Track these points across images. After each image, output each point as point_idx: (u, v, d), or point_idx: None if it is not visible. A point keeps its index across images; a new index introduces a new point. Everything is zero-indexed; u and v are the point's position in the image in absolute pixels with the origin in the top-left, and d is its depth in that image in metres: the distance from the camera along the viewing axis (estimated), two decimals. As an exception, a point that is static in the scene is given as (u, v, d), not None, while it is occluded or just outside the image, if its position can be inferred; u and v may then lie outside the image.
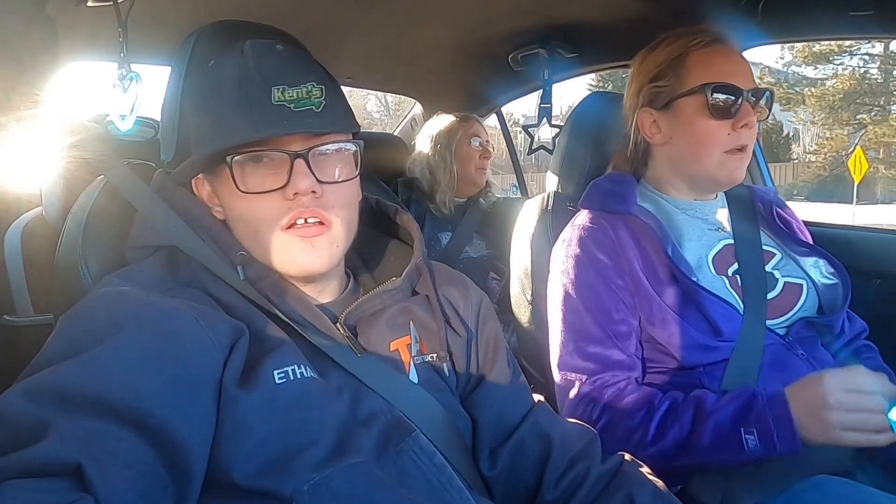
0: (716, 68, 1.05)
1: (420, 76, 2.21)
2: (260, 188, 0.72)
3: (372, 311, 0.80)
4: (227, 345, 0.66)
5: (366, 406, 0.73)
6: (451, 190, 2.13)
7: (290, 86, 0.71)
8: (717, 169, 1.07)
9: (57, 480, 0.50)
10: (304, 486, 0.62)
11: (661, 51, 1.11)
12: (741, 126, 1.04)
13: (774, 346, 1.03)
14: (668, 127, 1.11)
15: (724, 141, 1.05)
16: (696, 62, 1.07)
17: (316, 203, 0.73)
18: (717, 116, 1.04)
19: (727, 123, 1.04)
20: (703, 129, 1.06)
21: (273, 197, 0.72)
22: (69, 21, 1.25)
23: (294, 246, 0.73)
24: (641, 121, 1.14)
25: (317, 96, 0.72)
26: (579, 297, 1.06)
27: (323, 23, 1.61)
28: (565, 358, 1.06)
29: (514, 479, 0.83)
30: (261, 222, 0.73)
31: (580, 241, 1.10)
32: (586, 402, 1.01)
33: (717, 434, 0.90)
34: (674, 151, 1.13)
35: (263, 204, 0.72)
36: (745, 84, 1.04)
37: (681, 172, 1.13)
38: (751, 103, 1.04)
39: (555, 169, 1.41)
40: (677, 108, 1.09)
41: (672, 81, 1.09)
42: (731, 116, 1.04)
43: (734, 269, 1.08)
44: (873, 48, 18.91)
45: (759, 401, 0.89)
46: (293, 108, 0.71)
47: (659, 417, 0.95)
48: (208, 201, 0.79)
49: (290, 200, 0.72)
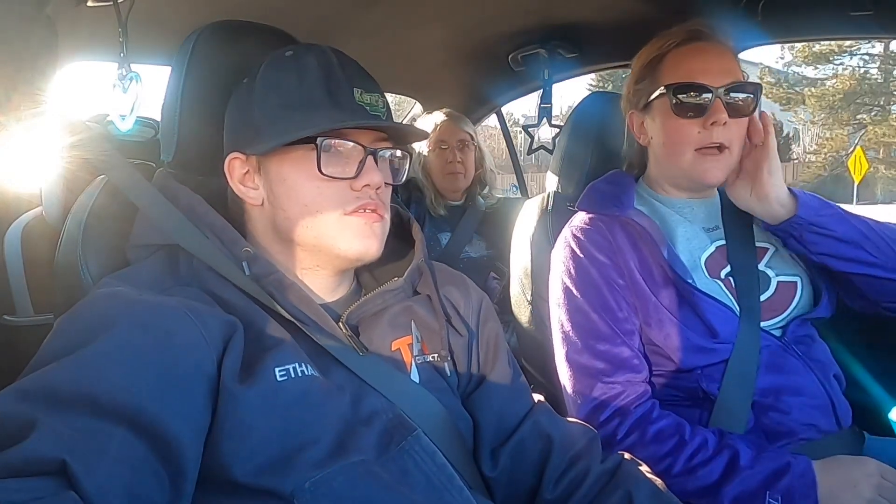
0: (686, 67, 1.04)
1: (420, 76, 2.20)
2: (338, 173, 0.75)
3: (374, 311, 0.80)
4: (220, 341, 0.66)
5: (367, 405, 0.73)
6: (434, 192, 2.13)
7: (366, 91, 0.77)
8: (691, 168, 1.06)
9: (39, 479, 0.50)
10: (305, 485, 0.62)
11: (643, 52, 1.12)
12: (711, 124, 1.02)
13: (771, 348, 1.03)
14: (649, 128, 1.13)
15: (695, 139, 1.04)
16: (670, 62, 1.07)
17: (377, 197, 0.78)
18: (682, 115, 1.04)
19: (697, 122, 1.03)
20: (673, 128, 1.06)
21: (343, 184, 0.76)
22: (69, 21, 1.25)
23: (356, 228, 0.77)
24: (631, 122, 1.16)
25: (382, 107, 0.79)
26: (583, 297, 1.06)
27: (323, 23, 1.61)
28: (573, 356, 1.05)
29: (514, 478, 0.83)
30: (326, 206, 0.76)
31: (578, 241, 1.10)
32: (609, 412, 0.99)
33: (744, 490, 0.90)
34: (655, 151, 1.14)
35: (333, 189, 0.75)
36: (717, 81, 1.01)
37: (664, 173, 1.14)
38: (723, 100, 1.01)
39: (555, 169, 1.41)
40: (652, 108, 1.10)
41: (649, 83, 1.10)
42: (700, 115, 1.02)
43: (727, 271, 1.08)
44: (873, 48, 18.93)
45: (791, 471, 0.89)
46: (369, 111, 0.77)
47: (690, 452, 0.94)
48: (241, 182, 0.79)
49: (357, 191, 0.76)
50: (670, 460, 0.94)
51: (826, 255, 1.03)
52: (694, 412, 1.03)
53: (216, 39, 0.90)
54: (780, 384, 1.01)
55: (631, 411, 0.99)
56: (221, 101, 0.84)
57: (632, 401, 0.99)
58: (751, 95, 1.04)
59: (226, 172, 0.79)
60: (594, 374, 1.02)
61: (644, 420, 0.98)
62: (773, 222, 1.04)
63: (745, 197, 1.06)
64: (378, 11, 1.58)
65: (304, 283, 0.79)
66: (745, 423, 0.99)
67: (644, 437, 0.96)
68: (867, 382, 1.20)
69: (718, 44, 1.06)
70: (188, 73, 0.88)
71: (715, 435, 0.96)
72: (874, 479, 0.87)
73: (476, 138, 2.19)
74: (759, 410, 1.00)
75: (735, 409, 1.00)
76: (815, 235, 1.02)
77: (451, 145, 2.09)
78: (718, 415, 1.00)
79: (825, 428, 1.02)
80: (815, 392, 1.02)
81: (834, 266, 1.04)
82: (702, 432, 0.97)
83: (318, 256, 0.78)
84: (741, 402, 1.00)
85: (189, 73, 0.88)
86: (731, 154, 1.04)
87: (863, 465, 0.89)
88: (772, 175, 1.03)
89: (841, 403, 1.05)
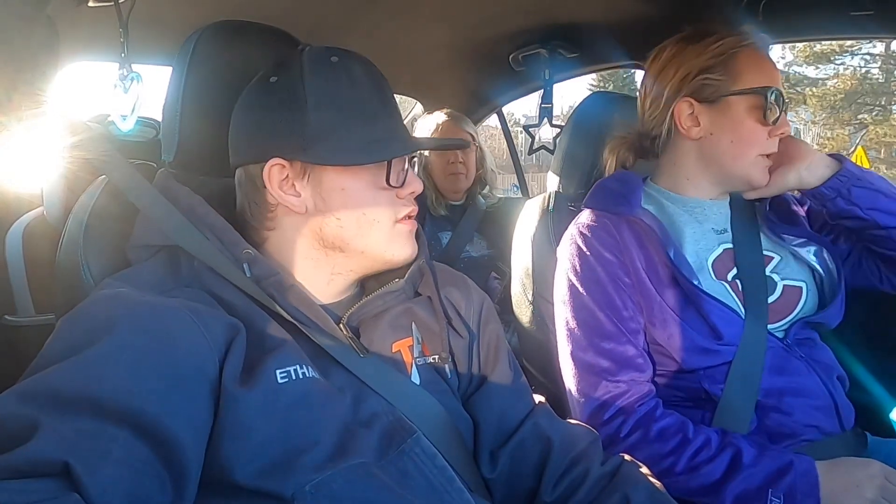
0: (768, 73, 1.06)
1: (420, 76, 2.20)
2: (396, 183, 0.79)
3: (374, 313, 0.80)
4: (223, 343, 0.66)
5: (367, 407, 0.73)
6: (435, 192, 2.13)
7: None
8: (750, 169, 1.07)
9: (42, 480, 0.50)
10: (305, 487, 0.62)
11: (711, 43, 1.07)
12: (778, 133, 1.05)
13: (774, 350, 1.03)
14: (710, 122, 1.08)
15: (763, 145, 1.06)
16: (748, 62, 1.05)
17: (412, 203, 0.83)
18: (766, 121, 1.04)
19: (768, 129, 1.05)
20: (750, 129, 1.05)
21: (392, 193, 0.79)
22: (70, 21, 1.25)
23: (404, 237, 0.81)
24: (679, 110, 1.10)
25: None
26: (589, 294, 1.05)
27: (323, 23, 1.60)
28: (578, 354, 1.05)
29: (513, 480, 0.83)
30: (383, 214, 0.79)
31: (585, 239, 1.09)
32: (613, 411, 0.99)
33: (747, 488, 0.90)
34: (711, 147, 1.09)
35: (386, 198, 0.79)
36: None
37: (711, 169, 1.10)
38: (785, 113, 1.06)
39: (556, 169, 1.41)
40: (727, 104, 1.06)
41: (724, 77, 1.06)
42: (774, 123, 1.04)
43: (734, 273, 1.08)
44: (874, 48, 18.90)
45: (793, 470, 0.90)
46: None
47: (693, 451, 0.94)
48: (279, 188, 0.76)
49: (402, 199, 0.80)
50: (673, 459, 0.94)
51: (875, 209, 1.05)
52: (696, 413, 1.03)
53: (217, 39, 0.90)
54: (783, 385, 1.01)
55: (634, 410, 0.98)
56: (223, 100, 0.84)
57: (636, 400, 0.99)
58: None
59: (264, 178, 0.76)
60: (598, 373, 1.02)
61: (647, 418, 0.98)
62: (820, 181, 1.06)
63: (790, 174, 1.08)
64: (378, 11, 1.58)
65: (304, 285, 0.79)
66: (748, 424, 0.99)
67: (647, 435, 0.96)
68: (869, 383, 1.20)
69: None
70: (189, 73, 0.88)
71: (717, 434, 0.96)
72: (878, 481, 0.87)
73: (477, 138, 2.18)
74: (761, 411, 1.00)
75: (739, 410, 0.99)
76: (864, 190, 1.05)
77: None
78: (722, 415, 1.00)
79: (828, 429, 1.02)
80: (817, 393, 1.02)
81: (883, 221, 1.06)
82: (704, 431, 0.96)
83: (358, 262, 0.80)
84: (745, 404, 1.00)
85: (190, 73, 0.88)
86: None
87: (867, 467, 0.89)
88: (805, 144, 1.09)
89: (844, 405, 1.05)
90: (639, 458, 0.88)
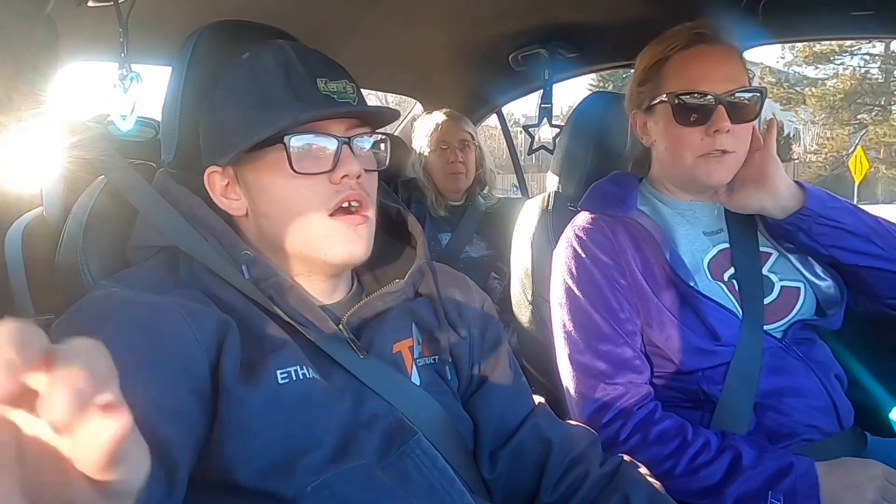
0: (689, 72, 1.03)
1: (420, 76, 2.20)
2: (313, 169, 0.73)
3: (375, 313, 0.80)
4: (214, 341, 0.66)
5: (368, 408, 0.72)
6: (435, 193, 2.13)
7: (330, 79, 0.74)
8: (693, 171, 1.05)
9: None
10: (306, 489, 0.62)
11: (647, 53, 1.10)
12: (714, 131, 1.01)
13: (772, 350, 1.03)
14: (651, 130, 1.12)
15: (698, 146, 1.03)
16: (673, 66, 1.05)
17: (359, 187, 0.75)
18: (684, 123, 1.03)
19: (699, 129, 1.02)
20: (676, 134, 1.05)
21: (321, 180, 0.73)
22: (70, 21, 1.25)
23: (339, 233, 0.74)
24: (634, 122, 1.16)
25: (350, 92, 0.76)
26: (585, 297, 1.06)
27: (323, 23, 1.60)
28: (575, 356, 1.05)
29: (513, 481, 0.83)
30: (308, 206, 0.73)
31: (581, 241, 1.10)
32: (612, 414, 0.99)
33: (747, 490, 0.90)
34: (657, 154, 1.13)
35: (312, 187, 0.73)
36: (720, 87, 1.00)
37: (667, 174, 1.13)
38: (726, 107, 1.00)
39: (555, 169, 1.41)
40: (656, 112, 1.09)
41: (652, 86, 1.09)
42: (702, 122, 1.01)
43: (730, 273, 1.08)
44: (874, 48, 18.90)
45: (793, 471, 0.89)
46: (337, 99, 0.74)
47: (692, 453, 0.94)
48: (223, 195, 0.78)
49: (336, 184, 0.73)
50: (673, 461, 0.94)
51: (836, 247, 1.03)
52: (695, 414, 1.03)
53: (217, 39, 0.90)
54: (782, 386, 1.01)
55: (634, 413, 0.98)
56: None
57: (634, 402, 0.99)
58: (756, 96, 1.03)
59: (206, 188, 0.78)
60: (596, 375, 1.02)
61: (647, 421, 0.98)
62: (783, 215, 1.03)
63: (753, 197, 1.05)
64: (378, 11, 1.58)
65: (302, 286, 0.78)
66: (747, 424, 0.99)
67: (647, 438, 0.96)
68: (868, 383, 1.20)
69: (723, 46, 1.04)
70: (189, 73, 0.88)
71: (717, 436, 0.96)
72: (878, 482, 0.87)
73: (477, 138, 2.19)
74: (760, 412, 1.00)
75: (737, 411, 1.00)
76: (825, 227, 1.02)
77: (453, 145, 2.09)
78: (720, 416, 1.00)
79: (827, 429, 1.02)
80: (816, 393, 1.02)
81: (843, 259, 1.04)
82: (704, 433, 0.96)
83: (308, 263, 0.77)
84: (743, 404, 1.00)
85: (190, 73, 0.88)
86: (737, 157, 1.04)
87: (867, 468, 0.89)
88: (778, 168, 1.04)
89: (843, 404, 1.05)
90: (638, 461, 0.88)
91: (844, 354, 1.16)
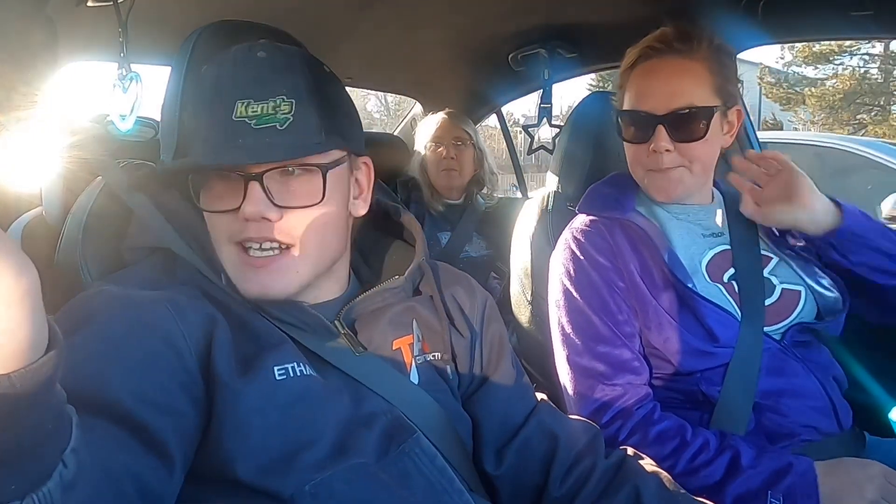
0: (636, 90, 1.06)
1: (420, 76, 2.20)
2: (216, 206, 0.70)
3: (373, 309, 0.80)
4: (201, 334, 0.66)
5: (366, 406, 0.72)
6: (430, 190, 2.13)
7: (255, 100, 0.68)
8: (645, 185, 1.10)
9: None
10: (304, 487, 0.62)
11: (625, 57, 1.12)
12: (653, 151, 1.04)
13: (771, 351, 1.03)
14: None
15: (645, 162, 1.07)
16: (631, 81, 1.08)
17: (270, 229, 0.69)
18: (629, 140, 1.08)
19: (643, 147, 1.05)
20: (628, 148, 1.11)
21: (228, 216, 0.69)
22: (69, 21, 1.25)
23: (247, 269, 0.70)
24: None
25: (284, 112, 0.68)
26: (583, 299, 1.06)
27: (323, 23, 1.60)
28: (574, 358, 1.05)
29: (520, 477, 0.83)
30: (219, 236, 0.71)
31: (579, 244, 1.10)
32: (611, 414, 0.99)
33: (747, 489, 0.90)
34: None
35: (222, 218, 0.70)
36: (662, 107, 1.01)
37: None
38: (666, 128, 1.01)
39: (555, 169, 1.41)
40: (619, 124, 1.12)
41: (620, 94, 1.12)
42: (643, 141, 1.05)
43: (730, 274, 1.08)
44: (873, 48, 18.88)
45: (792, 471, 0.90)
46: (253, 126, 0.67)
47: (691, 453, 0.94)
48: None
49: (244, 222, 0.68)
50: (672, 462, 0.94)
51: (865, 265, 1.03)
52: (694, 414, 1.03)
53: (216, 39, 0.90)
54: (781, 387, 1.01)
55: (633, 413, 0.98)
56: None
57: (633, 403, 0.99)
58: (701, 114, 1.02)
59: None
60: (595, 377, 1.02)
61: (646, 422, 0.98)
62: (818, 231, 1.03)
63: (785, 213, 1.04)
64: (378, 11, 1.58)
65: None
66: (745, 425, 0.99)
67: (646, 438, 0.96)
68: (867, 383, 1.20)
69: (677, 59, 1.03)
70: (188, 73, 0.88)
71: (716, 436, 0.96)
72: (878, 482, 0.87)
73: (475, 138, 2.19)
74: (759, 412, 1.00)
75: (736, 412, 1.00)
76: (857, 245, 1.03)
77: (447, 143, 2.10)
78: (719, 417, 1.00)
79: (826, 429, 1.02)
80: (815, 394, 1.02)
81: (871, 277, 1.04)
82: (703, 433, 0.96)
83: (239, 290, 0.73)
84: (742, 405, 1.00)
85: (189, 73, 0.88)
86: (687, 171, 1.06)
87: (867, 468, 0.89)
88: (806, 185, 1.03)
89: (841, 405, 1.05)
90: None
91: (843, 354, 1.16)
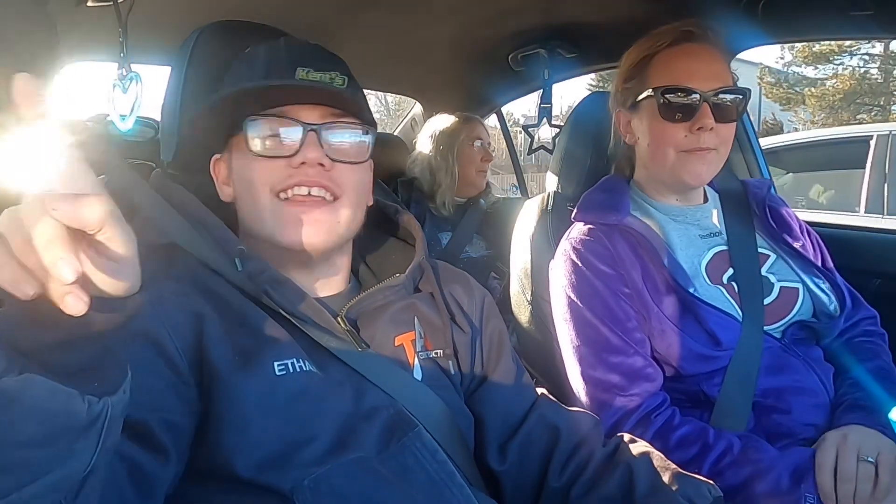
0: (675, 69, 1.04)
1: (420, 76, 2.20)
2: (268, 152, 0.73)
3: (375, 307, 0.80)
4: (189, 334, 0.66)
5: (368, 400, 0.73)
6: (451, 191, 2.13)
7: (315, 69, 0.74)
8: (675, 168, 1.05)
9: None
10: (304, 481, 0.63)
11: (633, 51, 1.11)
12: (697, 128, 1.01)
13: (773, 350, 1.02)
14: (635, 128, 1.12)
15: (681, 142, 1.04)
16: (659, 63, 1.06)
17: (323, 175, 0.73)
18: (668, 118, 1.03)
19: (683, 126, 1.03)
20: (659, 130, 1.06)
21: (279, 163, 0.73)
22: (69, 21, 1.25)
23: (289, 216, 0.73)
24: (617, 120, 1.16)
25: (340, 83, 0.75)
26: (590, 310, 1.04)
27: (323, 23, 1.61)
28: (588, 372, 1.03)
29: (524, 471, 0.84)
30: (260, 185, 0.74)
31: (579, 253, 1.08)
32: (631, 425, 0.98)
33: (777, 489, 0.89)
34: (641, 152, 1.13)
35: (268, 168, 0.73)
36: (706, 85, 1.01)
37: (650, 173, 1.13)
38: (710, 105, 1.01)
39: (555, 169, 1.41)
40: (640, 109, 1.09)
41: (637, 83, 1.09)
42: (687, 119, 1.02)
43: (729, 275, 1.07)
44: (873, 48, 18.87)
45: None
46: (315, 86, 0.73)
47: (714, 457, 0.93)
48: (223, 183, 0.81)
49: (296, 168, 0.73)
50: (695, 467, 0.92)
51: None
52: (694, 413, 1.02)
53: (216, 39, 0.90)
54: (782, 385, 1.01)
55: (652, 420, 0.97)
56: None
57: (652, 410, 0.98)
58: (739, 97, 1.04)
59: (213, 176, 0.81)
60: (610, 389, 1.00)
61: (666, 428, 0.97)
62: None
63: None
64: (378, 11, 1.58)
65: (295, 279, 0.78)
66: (745, 423, 0.99)
67: (667, 444, 0.95)
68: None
69: (709, 46, 1.05)
70: (188, 73, 0.88)
71: (739, 439, 0.95)
72: None
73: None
74: (759, 411, 1.00)
75: (736, 411, 0.99)
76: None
77: (485, 142, 2.16)
78: (719, 415, 1.00)
79: (825, 427, 1.01)
80: (816, 391, 1.02)
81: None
82: (726, 436, 0.95)
83: (279, 250, 0.76)
84: (742, 404, 0.99)
85: (189, 73, 0.88)
86: (719, 154, 1.05)
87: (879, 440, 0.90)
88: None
89: (840, 402, 1.05)
90: None
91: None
